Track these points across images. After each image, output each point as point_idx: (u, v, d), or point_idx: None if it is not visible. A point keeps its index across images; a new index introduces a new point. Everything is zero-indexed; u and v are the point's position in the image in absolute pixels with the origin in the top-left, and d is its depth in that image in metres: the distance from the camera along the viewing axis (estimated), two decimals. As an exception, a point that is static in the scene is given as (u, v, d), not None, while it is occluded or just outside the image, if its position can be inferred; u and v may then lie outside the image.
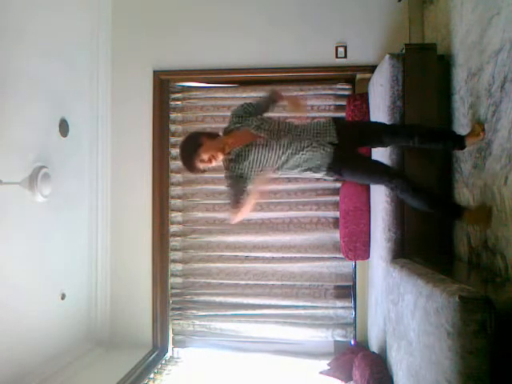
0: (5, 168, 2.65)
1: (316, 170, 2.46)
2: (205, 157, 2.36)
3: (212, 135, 2.47)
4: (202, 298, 3.91)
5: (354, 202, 3.48)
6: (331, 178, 2.63)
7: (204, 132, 2.54)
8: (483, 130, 2.44)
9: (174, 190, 3.97)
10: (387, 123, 2.79)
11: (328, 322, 3.74)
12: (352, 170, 2.49)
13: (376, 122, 2.84)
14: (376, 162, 2.67)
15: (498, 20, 2.29)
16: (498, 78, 2.30)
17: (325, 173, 2.47)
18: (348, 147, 2.47)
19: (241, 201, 2.38)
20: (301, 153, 2.40)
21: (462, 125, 2.75)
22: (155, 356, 3.65)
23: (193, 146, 2.39)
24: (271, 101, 2.63)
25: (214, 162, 2.40)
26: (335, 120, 2.55)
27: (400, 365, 2.28)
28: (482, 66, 2.49)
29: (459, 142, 2.54)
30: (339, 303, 3.76)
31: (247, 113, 2.50)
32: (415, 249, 2.78)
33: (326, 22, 3.72)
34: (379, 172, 2.48)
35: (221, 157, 2.42)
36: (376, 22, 3.67)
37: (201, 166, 2.39)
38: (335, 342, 3.77)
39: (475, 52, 2.59)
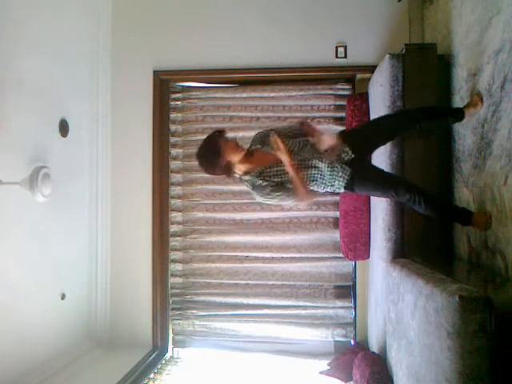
0: (5, 168, 2.64)
1: (334, 188, 2.45)
2: (231, 140, 2.33)
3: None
4: (202, 298, 3.91)
5: (354, 202, 3.48)
6: (343, 192, 2.56)
7: None
8: (481, 99, 2.47)
9: (174, 190, 3.97)
10: (387, 122, 2.69)
11: (328, 321, 3.74)
12: (365, 184, 2.47)
13: (378, 125, 2.74)
14: (386, 173, 2.62)
15: (498, 20, 2.29)
16: (497, 78, 2.30)
17: (340, 189, 2.46)
18: (359, 160, 2.44)
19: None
20: (320, 172, 2.38)
21: (462, 125, 2.75)
22: (155, 356, 3.65)
23: (220, 132, 2.39)
24: (299, 133, 2.49)
25: (234, 151, 2.31)
26: (341, 134, 2.50)
27: (400, 365, 2.28)
28: (481, 66, 2.49)
29: (458, 114, 2.60)
30: (339, 303, 3.76)
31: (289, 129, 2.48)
32: (415, 249, 2.78)
33: (326, 22, 3.73)
34: (392, 183, 2.44)
35: (243, 152, 2.35)
36: (376, 22, 3.67)
37: (223, 143, 2.29)
38: (335, 341, 3.77)
39: (475, 52, 2.59)
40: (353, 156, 2.41)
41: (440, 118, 2.69)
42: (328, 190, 2.47)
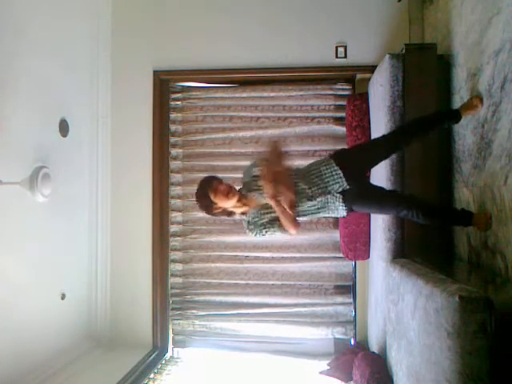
0: (5, 168, 2.65)
1: (333, 213, 2.44)
2: (220, 188, 2.27)
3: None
4: (202, 298, 3.91)
5: (354, 202, 3.47)
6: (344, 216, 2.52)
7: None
8: (481, 100, 2.47)
9: (174, 190, 3.97)
10: (385, 140, 2.61)
11: (328, 320, 3.74)
12: (363, 205, 2.46)
13: (375, 146, 2.69)
14: (384, 191, 2.58)
15: (498, 20, 2.29)
16: (497, 78, 2.30)
17: (345, 213, 2.44)
18: (355, 182, 2.40)
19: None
20: (313, 208, 2.36)
21: (462, 125, 2.75)
22: (155, 356, 3.65)
23: (213, 177, 2.37)
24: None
25: (224, 200, 2.28)
26: (335, 158, 2.43)
27: (400, 365, 2.28)
28: (481, 66, 2.49)
29: (453, 116, 2.62)
30: (339, 299, 3.77)
31: (252, 178, 2.39)
32: (415, 249, 2.78)
33: (326, 22, 3.72)
34: (390, 203, 2.44)
35: (233, 201, 2.31)
36: (376, 22, 3.67)
37: (211, 195, 2.27)
38: (335, 341, 3.77)
39: (475, 52, 2.59)
40: (348, 187, 2.35)
41: (436, 126, 2.67)
42: (330, 215, 2.46)
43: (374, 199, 2.46)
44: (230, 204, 2.32)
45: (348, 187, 2.35)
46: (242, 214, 2.42)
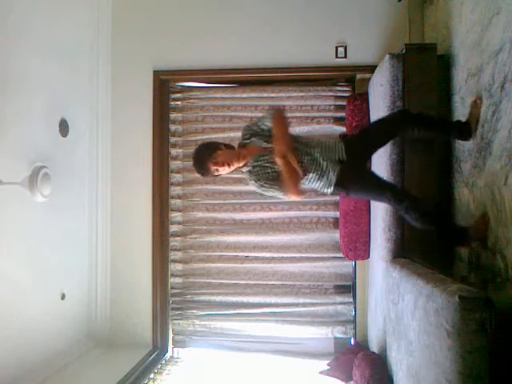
0: (5, 168, 2.64)
1: (323, 184, 2.44)
2: (220, 160, 2.35)
3: (229, 146, 2.47)
4: (202, 298, 3.91)
5: (354, 201, 3.48)
6: (330, 192, 2.54)
7: (222, 142, 2.52)
8: (479, 98, 2.47)
9: (174, 190, 3.97)
10: (389, 124, 2.63)
11: (328, 319, 3.74)
12: (359, 188, 2.48)
13: (379, 129, 2.68)
14: (383, 180, 2.59)
15: (498, 20, 2.29)
16: (497, 78, 2.30)
17: (331, 189, 2.45)
18: (356, 164, 2.44)
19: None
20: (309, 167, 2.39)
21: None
22: (155, 356, 3.65)
23: (210, 148, 2.40)
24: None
25: (227, 168, 2.37)
26: (342, 138, 2.53)
27: (400, 365, 2.28)
28: (481, 66, 2.49)
29: (465, 129, 2.57)
30: (339, 298, 3.77)
31: (259, 129, 2.46)
32: (415, 249, 2.78)
33: (326, 22, 3.72)
34: (387, 192, 2.43)
35: (235, 165, 2.40)
36: (376, 21, 3.67)
37: (213, 168, 2.36)
38: (335, 340, 3.77)
39: (475, 52, 2.59)
40: (345, 158, 2.41)
41: (438, 128, 2.64)
42: (319, 185, 2.47)
43: (373, 180, 2.48)
44: (231, 169, 2.40)
45: (345, 158, 2.40)
46: (243, 167, 2.46)
